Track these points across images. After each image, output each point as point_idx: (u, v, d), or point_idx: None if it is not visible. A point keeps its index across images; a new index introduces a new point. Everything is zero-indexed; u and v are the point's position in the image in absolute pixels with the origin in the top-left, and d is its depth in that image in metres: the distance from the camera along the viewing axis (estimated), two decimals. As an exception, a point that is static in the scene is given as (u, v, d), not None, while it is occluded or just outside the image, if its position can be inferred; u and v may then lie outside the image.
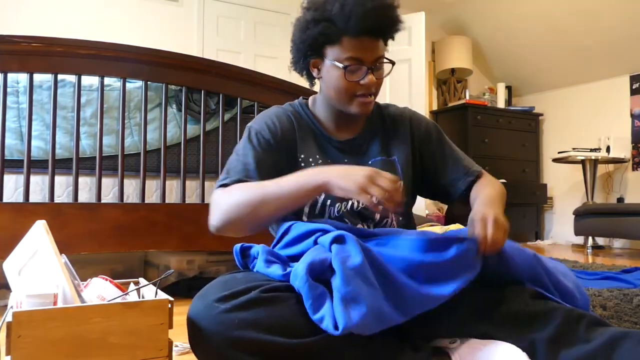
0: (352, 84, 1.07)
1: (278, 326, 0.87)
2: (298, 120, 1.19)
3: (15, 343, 0.77)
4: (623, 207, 3.77)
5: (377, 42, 1.07)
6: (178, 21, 4.17)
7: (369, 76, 1.06)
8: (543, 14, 4.43)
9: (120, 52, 1.92)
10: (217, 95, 2.14)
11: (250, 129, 1.18)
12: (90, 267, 2.27)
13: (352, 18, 1.02)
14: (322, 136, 1.19)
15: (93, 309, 0.83)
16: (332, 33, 1.05)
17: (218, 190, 1.08)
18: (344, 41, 1.05)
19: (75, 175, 1.82)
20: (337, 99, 1.12)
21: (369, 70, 1.07)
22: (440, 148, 1.25)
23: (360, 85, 1.08)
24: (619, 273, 2.42)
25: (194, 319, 0.90)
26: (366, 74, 1.07)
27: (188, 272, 2.15)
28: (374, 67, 1.07)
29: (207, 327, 0.87)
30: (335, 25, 1.04)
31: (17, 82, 1.88)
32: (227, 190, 1.07)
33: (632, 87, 4.43)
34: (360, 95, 1.09)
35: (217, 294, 0.90)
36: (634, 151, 4.42)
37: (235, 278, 0.97)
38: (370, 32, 1.04)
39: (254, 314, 0.87)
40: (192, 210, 2.01)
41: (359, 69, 1.06)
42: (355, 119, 1.20)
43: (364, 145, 1.20)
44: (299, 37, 1.11)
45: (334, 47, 1.06)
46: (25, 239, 0.96)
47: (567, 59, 4.70)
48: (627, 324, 1.45)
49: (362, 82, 1.07)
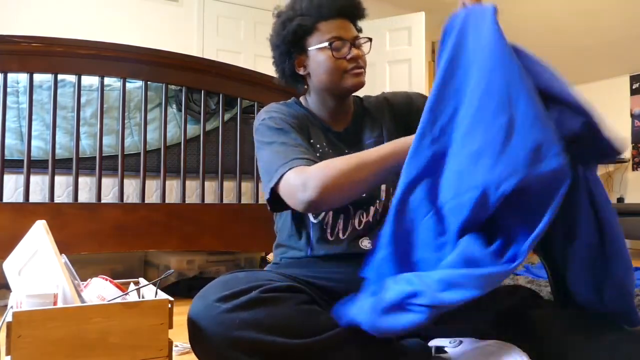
0: (340, 61, 1.12)
1: (278, 326, 0.87)
2: (300, 112, 1.20)
3: (15, 343, 0.77)
4: (623, 207, 3.77)
5: (350, 24, 1.15)
6: (178, 21, 4.17)
7: (354, 50, 1.12)
8: (543, 14, 4.43)
9: (120, 52, 1.92)
10: (217, 95, 2.14)
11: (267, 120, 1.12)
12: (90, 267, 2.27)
13: (322, 5, 1.11)
14: (322, 127, 1.20)
15: (93, 309, 0.84)
16: (309, 23, 1.12)
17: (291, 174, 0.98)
18: (321, 27, 1.12)
19: (75, 175, 1.82)
20: (330, 81, 1.14)
21: (352, 45, 1.12)
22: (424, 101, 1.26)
23: (348, 61, 1.12)
24: (619, 273, 2.42)
25: (194, 319, 0.90)
26: (350, 49, 1.12)
27: (188, 272, 2.15)
28: (355, 43, 1.13)
29: (208, 327, 0.87)
30: (309, 15, 1.12)
31: (17, 82, 1.88)
32: (314, 166, 0.98)
33: (632, 87, 4.44)
34: (350, 69, 1.13)
35: (217, 294, 0.90)
36: (634, 151, 4.42)
37: (236, 278, 0.97)
38: (342, 13, 1.13)
39: (254, 314, 0.87)
40: (192, 210, 2.01)
41: (343, 45, 1.12)
42: (344, 105, 1.21)
43: (357, 134, 1.22)
44: (278, 38, 1.17)
45: (313, 35, 1.13)
46: (25, 239, 0.96)
47: (567, 59, 4.70)
48: (627, 324, 1.44)
49: (349, 56, 1.12)
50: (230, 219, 2.05)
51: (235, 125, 2.18)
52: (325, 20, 1.12)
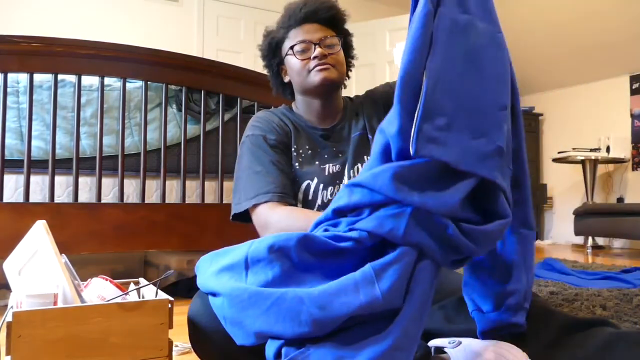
0: (305, 61, 1.18)
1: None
2: (286, 119, 1.26)
3: (15, 343, 0.77)
4: (623, 207, 3.77)
5: (320, 26, 1.20)
6: (178, 21, 4.18)
7: (318, 49, 1.17)
8: (543, 14, 4.43)
9: (120, 52, 1.93)
10: (217, 95, 2.14)
11: (251, 137, 1.21)
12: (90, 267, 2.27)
13: (291, 16, 1.20)
14: (307, 127, 1.25)
15: (93, 309, 0.84)
16: (281, 33, 1.22)
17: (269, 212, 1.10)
18: (290, 35, 1.21)
19: (75, 175, 1.82)
20: (300, 82, 1.21)
21: (316, 45, 1.18)
22: None
23: (312, 60, 1.18)
24: (619, 273, 2.42)
25: (194, 318, 0.90)
26: (315, 48, 1.18)
27: (188, 272, 2.15)
28: (321, 43, 1.18)
29: (208, 326, 0.88)
30: (282, 27, 1.22)
31: (17, 82, 1.88)
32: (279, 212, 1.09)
33: (632, 87, 4.44)
34: (314, 67, 1.17)
35: None
36: (633, 151, 4.42)
37: None
38: (308, 19, 1.19)
39: None
40: (192, 210, 2.01)
41: (307, 47, 1.18)
42: (328, 104, 1.25)
43: (345, 129, 1.26)
44: (261, 53, 1.28)
45: (284, 43, 1.22)
46: (25, 239, 0.96)
47: (567, 59, 4.70)
48: (627, 323, 1.45)
49: (313, 55, 1.17)
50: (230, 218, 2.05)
51: (235, 125, 2.18)
52: (294, 28, 1.20)
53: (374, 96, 1.30)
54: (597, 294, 1.85)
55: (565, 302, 1.71)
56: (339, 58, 1.20)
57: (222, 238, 2.06)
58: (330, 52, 1.18)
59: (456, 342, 0.96)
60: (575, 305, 1.66)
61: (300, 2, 1.21)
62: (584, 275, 2.41)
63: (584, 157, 4.24)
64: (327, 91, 1.21)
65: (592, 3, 4.09)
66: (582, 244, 4.39)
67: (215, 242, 2.05)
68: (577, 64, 4.69)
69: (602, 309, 1.61)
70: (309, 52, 1.18)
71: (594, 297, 1.78)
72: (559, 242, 4.90)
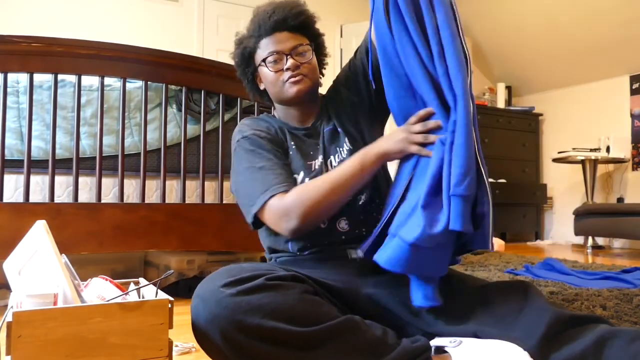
0: (278, 73, 1.18)
1: (282, 313, 0.90)
2: (270, 123, 1.27)
3: (15, 343, 0.77)
4: (623, 207, 3.77)
5: (291, 34, 1.19)
6: (178, 21, 4.18)
7: (290, 60, 1.16)
8: (543, 14, 4.43)
9: (120, 52, 1.92)
10: (217, 95, 2.14)
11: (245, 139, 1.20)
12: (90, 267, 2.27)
13: (261, 25, 1.19)
14: (289, 127, 1.26)
15: (93, 309, 0.84)
16: (252, 43, 1.21)
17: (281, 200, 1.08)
18: (262, 44, 1.20)
19: (75, 175, 1.82)
20: (275, 92, 1.21)
21: (288, 56, 1.17)
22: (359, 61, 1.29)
23: (285, 72, 1.17)
24: (619, 273, 2.42)
25: (199, 302, 0.92)
26: (287, 59, 1.17)
27: (188, 272, 2.15)
28: (293, 53, 1.17)
29: (213, 311, 0.89)
30: (253, 36, 1.21)
31: (17, 82, 1.88)
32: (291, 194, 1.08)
33: (632, 87, 4.44)
34: (287, 79, 1.17)
35: (223, 280, 0.92)
36: (633, 151, 4.42)
37: (240, 267, 0.99)
38: (277, 27, 1.18)
39: (259, 299, 0.90)
40: (192, 210, 2.01)
41: (279, 59, 1.17)
42: (306, 108, 1.26)
43: (320, 127, 1.26)
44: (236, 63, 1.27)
45: (257, 53, 1.21)
46: (25, 239, 0.96)
47: (567, 59, 4.70)
48: (627, 324, 1.45)
49: (285, 66, 1.17)
50: (230, 219, 2.05)
51: (235, 126, 2.17)
52: (265, 38, 1.19)
53: (337, 87, 1.31)
54: (597, 294, 1.85)
55: (565, 302, 1.71)
56: (311, 66, 1.20)
57: (222, 238, 2.06)
58: (302, 61, 1.18)
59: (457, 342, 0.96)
60: (575, 305, 1.66)
61: (269, 9, 1.19)
62: (584, 275, 2.41)
63: (584, 157, 4.24)
64: (302, 101, 1.22)
65: (593, 3, 4.09)
66: (582, 244, 4.39)
67: (215, 242, 2.05)
68: (577, 64, 4.69)
69: (602, 309, 1.61)
70: (281, 62, 1.17)
71: (594, 297, 1.78)
72: (559, 242, 4.90)
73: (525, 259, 3.10)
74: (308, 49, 1.20)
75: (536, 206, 4.87)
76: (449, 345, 0.97)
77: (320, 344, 0.91)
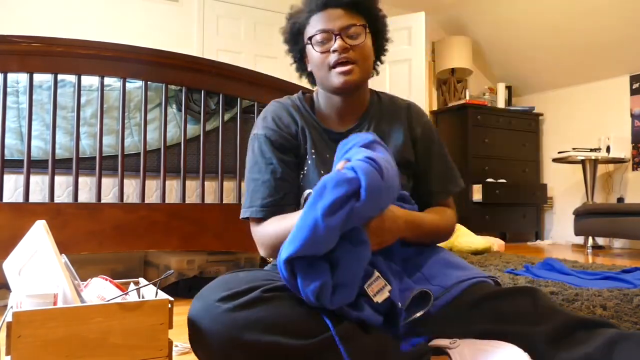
0: (325, 54, 1.09)
1: (281, 326, 0.87)
2: (297, 114, 1.19)
3: (15, 343, 0.77)
4: (623, 207, 3.77)
5: (345, 12, 1.09)
6: (178, 21, 4.17)
7: (339, 41, 1.06)
8: (543, 13, 4.43)
9: (120, 52, 1.92)
10: (217, 95, 2.14)
11: (256, 137, 1.15)
12: (90, 267, 2.28)
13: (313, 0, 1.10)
14: (319, 128, 1.17)
15: (93, 309, 0.83)
16: (303, 18, 1.12)
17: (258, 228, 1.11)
18: (312, 20, 1.11)
19: (75, 175, 1.82)
20: (320, 76, 1.13)
21: (337, 36, 1.07)
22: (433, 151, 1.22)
23: (332, 54, 1.08)
24: (619, 273, 2.42)
25: (194, 319, 0.90)
26: (335, 40, 1.07)
27: (188, 272, 2.15)
28: (343, 33, 1.07)
29: (209, 328, 0.87)
30: (304, 10, 1.12)
31: (17, 82, 1.88)
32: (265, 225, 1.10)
33: (632, 87, 4.44)
34: (334, 65, 1.08)
35: (218, 294, 0.90)
36: (634, 151, 4.42)
37: (236, 277, 0.97)
38: (331, 2, 1.09)
39: (256, 313, 0.87)
40: (192, 210, 2.01)
41: (327, 38, 1.08)
42: (353, 101, 1.18)
43: None
44: (284, 37, 1.19)
45: (306, 29, 1.13)
46: (25, 239, 0.96)
47: (567, 59, 4.70)
48: (627, 324, 1.44)
49: (332, 48, 1.07)
50: (230, 219, 2.05)
51: (235, 125, 2.18)
52: (316, 14, 1.10)
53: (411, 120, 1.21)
54: (597, 294, 1.85)
55: (566, 302, 1.71)
56: (363, 51, 1.09)
57: (222, 238, 2.06)
58: (352, 43, 1.07)
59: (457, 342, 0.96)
60: (575, 305, 1.66)
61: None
62: (584, 275, 2.41)
63: (584, 157, 4.24)
64: (347, 92, 1.14)
65: (592, 3, 4.09)
66: (582, 244, 4.39)
67: (215, 242, 2.05)
68: (577, 64, 4.69)
69: (602, 309, 1.61)
70: (329, 43, 1.07)
71: (594, 297, 1.78)
72: (559, 242, 4.90)
73: (525, 259, 3.10)
74: (362, 30, 1.09)
75: (536, 206, 4.87)
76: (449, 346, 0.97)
77: (319, 356, 0.89)
